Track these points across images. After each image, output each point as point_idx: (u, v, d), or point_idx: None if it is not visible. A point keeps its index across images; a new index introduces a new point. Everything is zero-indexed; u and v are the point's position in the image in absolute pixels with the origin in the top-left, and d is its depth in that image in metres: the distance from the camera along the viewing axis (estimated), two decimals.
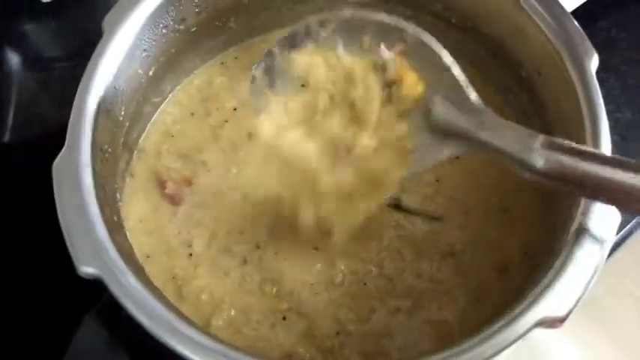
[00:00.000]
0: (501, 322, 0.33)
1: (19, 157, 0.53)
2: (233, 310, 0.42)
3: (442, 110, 0.38)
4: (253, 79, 0.42)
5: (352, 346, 0.41)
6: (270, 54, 0.42)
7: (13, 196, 0.51)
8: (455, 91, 0.38)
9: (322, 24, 0.41)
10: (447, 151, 0.39)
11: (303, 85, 0.44)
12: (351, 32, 0.40)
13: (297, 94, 0.42)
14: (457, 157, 0.47)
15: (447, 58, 0.38)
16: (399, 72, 0.40)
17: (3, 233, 0.49)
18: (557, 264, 0.35)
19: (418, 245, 0.44)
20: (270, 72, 0.42)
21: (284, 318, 0.42)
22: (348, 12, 0.40)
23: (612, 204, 0.34)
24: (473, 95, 0.38)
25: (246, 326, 0.42)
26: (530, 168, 0.34)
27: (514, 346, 0.35)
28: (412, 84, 0.40)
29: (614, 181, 0.32)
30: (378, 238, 0.44)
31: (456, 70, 0.38)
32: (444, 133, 0.39)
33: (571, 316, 0.34)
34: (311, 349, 0.41)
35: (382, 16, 0.39)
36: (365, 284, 0.43)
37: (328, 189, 0.42)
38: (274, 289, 0.43)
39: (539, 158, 0.34)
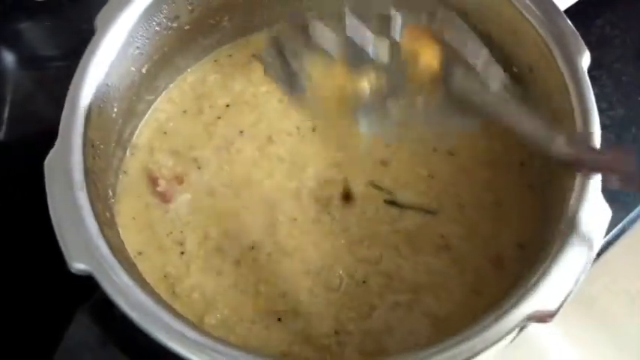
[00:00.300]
0: (491, 317, 0.33)
1: (14, 155, 0.53)
2: (226, 310, 0.42)
3: (465, 85, 0.39)
4: (266, 64, 0.45)
5: (351, 344, 0.41)
6: (275, 40, 0.44)
7: (8, 194, 0.51)
8: (478, 69, 0.39)
9: None
10: (465, 125, 0.41)
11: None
12: (360, 3, 0.41)
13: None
14: (451, 154, 0.47)
15: (469, 33, 0.39)
16: (415, 46, 0.40)
17: None
18: (547, 259, 0.35)
19: (414, 240, 0.44)
20: (280, 55, 0.44)
21: (279, 319, 0.42)
22: None
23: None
24: (499, 74, 0.39)
25: (239, 326, 0.42)
26: (550, 153, 0.36)
27: (512, 344, 0.35)
28: (429, 59, 0.40)
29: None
30: (375, 236, 0.44)
31: (480, 48, 0.39)
32: (465, 107, 0.40)
33: (568, 315, 0.34)
34: (308, 349, 0.41)
35: None
36: (365, 282, 0.43)
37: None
38: (269, 290, 0.43)
39: (561, 148, 0.36)
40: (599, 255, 0.49)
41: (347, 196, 0.46)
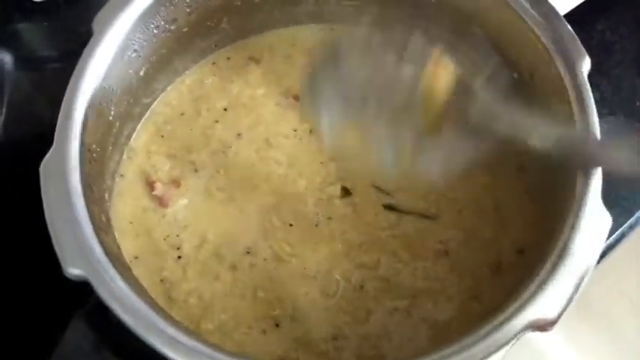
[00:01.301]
0: (491, 325, 0.33)
1: (11, 157, 0.53)
2: (223, 315, 0.42)
3: (482, 102, 0.39)
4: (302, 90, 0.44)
5: (349, 349, 0.41)
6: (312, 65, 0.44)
7: (4, 195, 0.51)
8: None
9: None
10: (483, 145, 0.40)
11: None
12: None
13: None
14: None
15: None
16: (437, 68, 0.40)
17: None
18: (547, 266, 0.35)
19: (413, 245, 0.44)
20: (315, 83, 0.43)
21: (277, 324, 0.42)
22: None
23: None
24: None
25: (236, 331, 0.42)
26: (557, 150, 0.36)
27: (512, 346, 0.35)
28: (449, 79, 0.40)
29: None
30: (373, 241, 0.44)
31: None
32: (481, 127, 0.39)
33: (568, 318, 0.34)
34: (306, 355, 0.41)
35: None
36: (362, 287, 0.43)
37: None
38: (266, 295, 0.43)
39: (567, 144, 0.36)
40: (599, 260, 0.49)
41: (345, 201, 0.46)
